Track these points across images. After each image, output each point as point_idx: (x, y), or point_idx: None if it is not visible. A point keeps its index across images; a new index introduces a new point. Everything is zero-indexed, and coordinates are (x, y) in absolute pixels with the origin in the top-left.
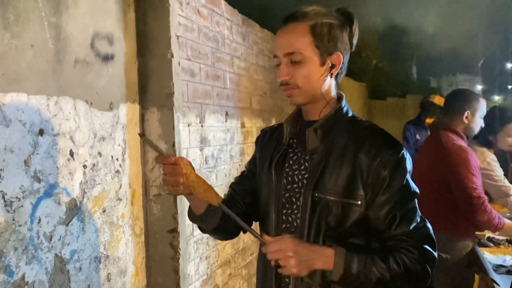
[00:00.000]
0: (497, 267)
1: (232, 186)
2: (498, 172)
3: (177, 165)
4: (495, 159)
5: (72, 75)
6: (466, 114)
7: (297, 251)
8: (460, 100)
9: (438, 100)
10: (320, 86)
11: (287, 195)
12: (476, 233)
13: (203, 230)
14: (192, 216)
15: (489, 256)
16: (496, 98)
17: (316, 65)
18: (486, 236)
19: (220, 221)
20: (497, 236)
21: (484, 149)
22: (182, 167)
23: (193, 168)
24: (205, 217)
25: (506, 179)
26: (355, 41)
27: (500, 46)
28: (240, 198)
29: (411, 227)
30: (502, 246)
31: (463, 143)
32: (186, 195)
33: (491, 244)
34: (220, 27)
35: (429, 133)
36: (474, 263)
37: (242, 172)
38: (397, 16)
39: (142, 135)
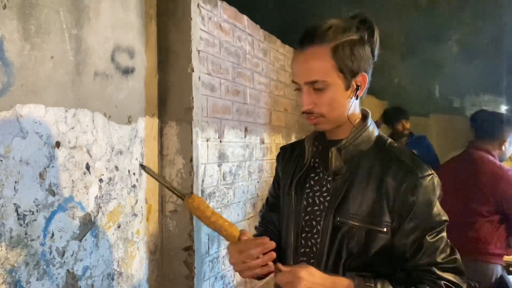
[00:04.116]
0: None
1: (263, 216)
2: None
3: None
4: None
5: (91, 88)
6: (506, 143)
7: (309, 287)
8: (501, 127)
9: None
10: (346, 110)
11: (307, 217)
12: (504, 259)
13: (259, 278)
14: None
15: None
16: None
17: (341, 90)
18: None
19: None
20: None
21: None
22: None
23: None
24: None
25: None
26: (377, 51)
27: None
28: (273, 227)
29: (438, 258)
30: None
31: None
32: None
33: None
34: (242, 42)
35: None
36: None
37: (267, 199)
38: (420, 34)
39: (143, 166)
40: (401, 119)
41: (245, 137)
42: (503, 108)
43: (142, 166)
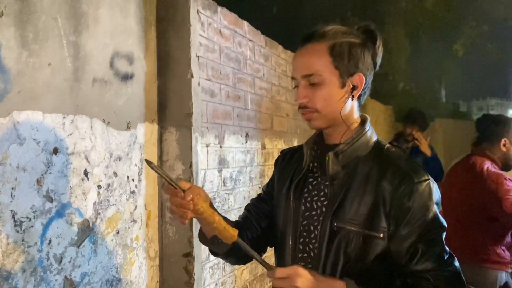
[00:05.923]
0: None
1: (248, 208)
2: None
3: (185, 200)
4: None
5: (89, 94)
6: (504, 141)
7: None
8: (496, 127)
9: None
10: (340, 109)
11: (305, 222)
12: (510, 265)
13: (214, 254)
14: (203, 238)
15: None
16: None
17: (336, 87)
18: None
19: (232, 245)
20: None
21: None
22: (190, 201)
23: (206, 199)
24: (216, 240)
25: None
26: (379, 60)
27: None
28: (255, 221)
29: (435, 264)
30: None
31: (498, 170)
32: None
33: None
34: (242, 48)
35: None
36: None
37: (259, 194)
38: (424, 38)
39: (148, 161)
40: (408, 123)
41: (246, 142)
42: (511, 112)
43: (147, 162)
